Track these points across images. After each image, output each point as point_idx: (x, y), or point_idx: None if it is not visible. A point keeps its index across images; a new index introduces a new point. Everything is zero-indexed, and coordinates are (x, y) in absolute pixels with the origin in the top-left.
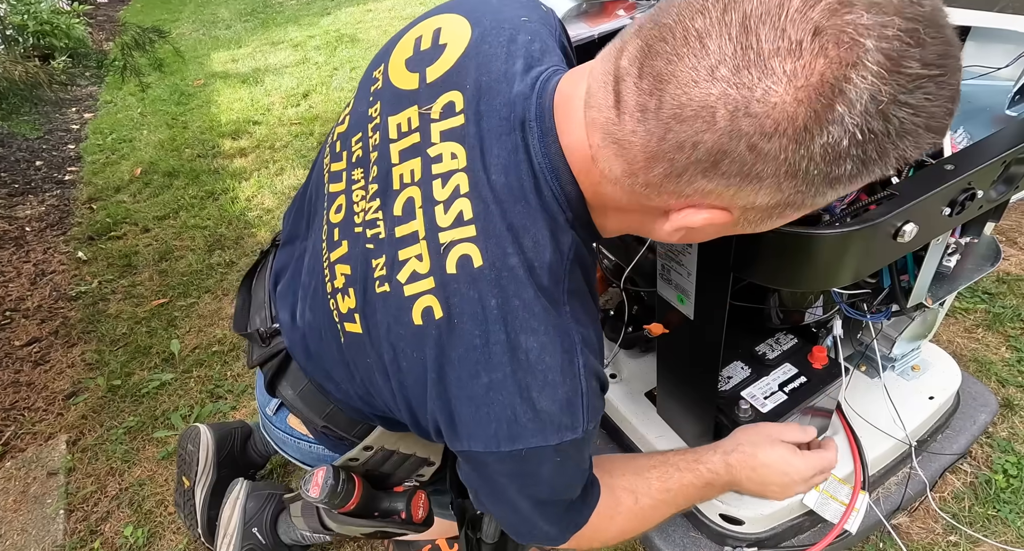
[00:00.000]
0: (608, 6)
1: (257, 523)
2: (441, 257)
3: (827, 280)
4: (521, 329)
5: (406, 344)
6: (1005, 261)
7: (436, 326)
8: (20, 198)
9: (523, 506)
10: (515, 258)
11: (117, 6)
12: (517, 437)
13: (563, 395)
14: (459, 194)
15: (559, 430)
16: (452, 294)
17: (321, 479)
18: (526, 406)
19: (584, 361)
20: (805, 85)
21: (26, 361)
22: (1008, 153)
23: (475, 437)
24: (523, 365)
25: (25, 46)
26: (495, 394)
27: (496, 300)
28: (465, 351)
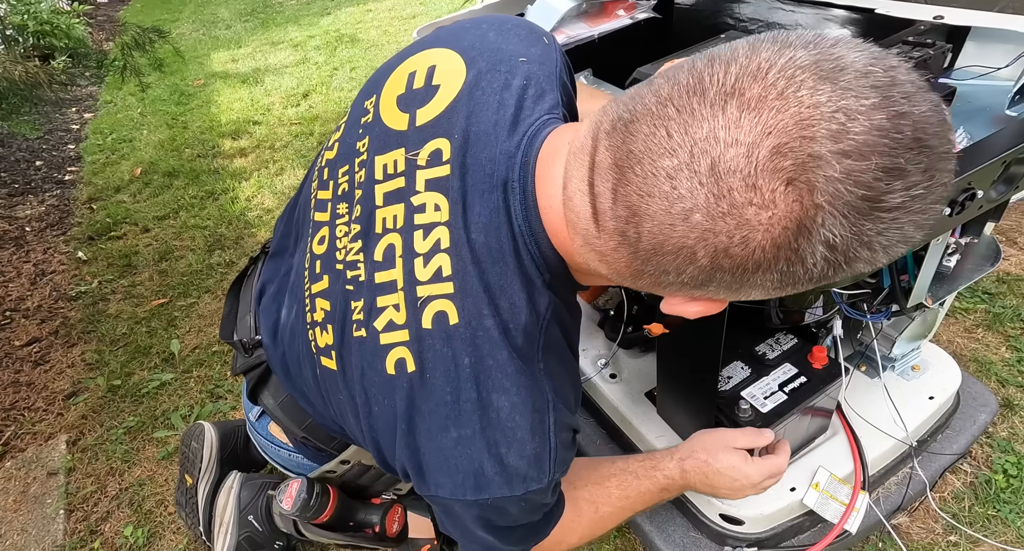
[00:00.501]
0: (608, 6)
1: (252, 511)
2: (418, 310)
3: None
4: (493, 389)
5: (378, 390)
6: (1005, 261)
7: (408, 379)
8: (20, 198)
9: (488, 538)
10: (491, 320)
11: (117, 6)
12: (483, 488)
13: (531, 451)
14: (439, 248)
15: (525, 481)
16: (426, 349)
17: (295, 492)
18: (494, 461)
19: (555, 418)
20: (783, 232)
21: (26, 361)
22: (1008, 153)
23: (441, 485)
24: (493, 423)
25: (25, 46)
26: (463, 448)
27: (469, 359)
28: (436, 405)
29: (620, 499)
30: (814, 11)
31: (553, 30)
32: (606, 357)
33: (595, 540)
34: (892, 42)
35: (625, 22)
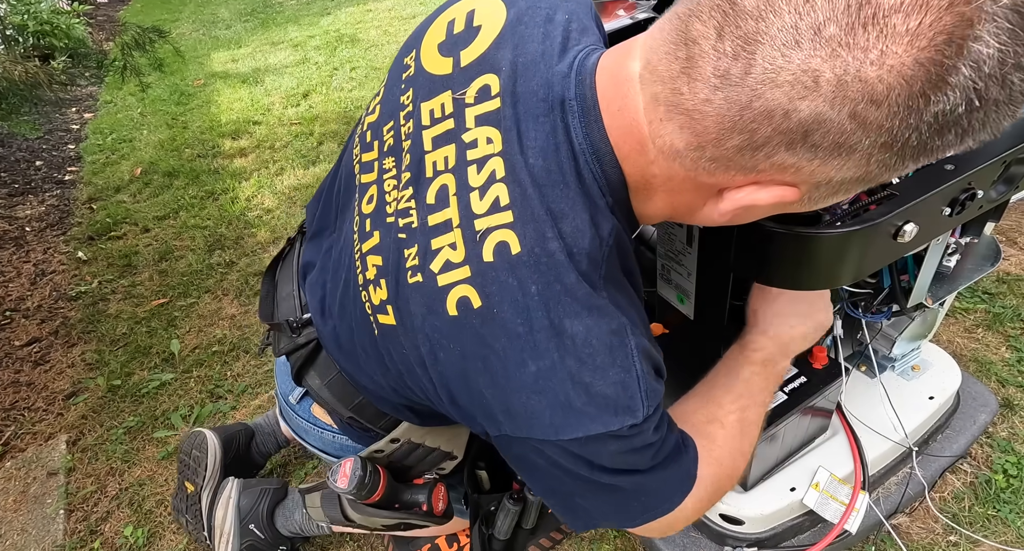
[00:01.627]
0: (608, 6)
1: (253, 519)
2: (477, 245)
3: (827, 280)
4: (565, 314)
5: (442, 336)
6: (1005, 261)
7: (475, 316)
8: (20, 198)
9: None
10: (555, 243)
11: (117, 6)
12: (574, 424)
13: (616, 377)
14: (495, 179)
15: (617, 413)
16: (490, 282)
17: (349, 470)
18: (579, 391)
19: (636, 343)
20: (929, 45)
21: (26, 361)
22: (1008, 153)
23: (529, 425)
24: (570, 350)
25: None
26: (545, 382)
27: (537, 286)
28: (508, 340)
29: (734, 400)
30: None
31: None
32: None
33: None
34: None
35: (625, 22)
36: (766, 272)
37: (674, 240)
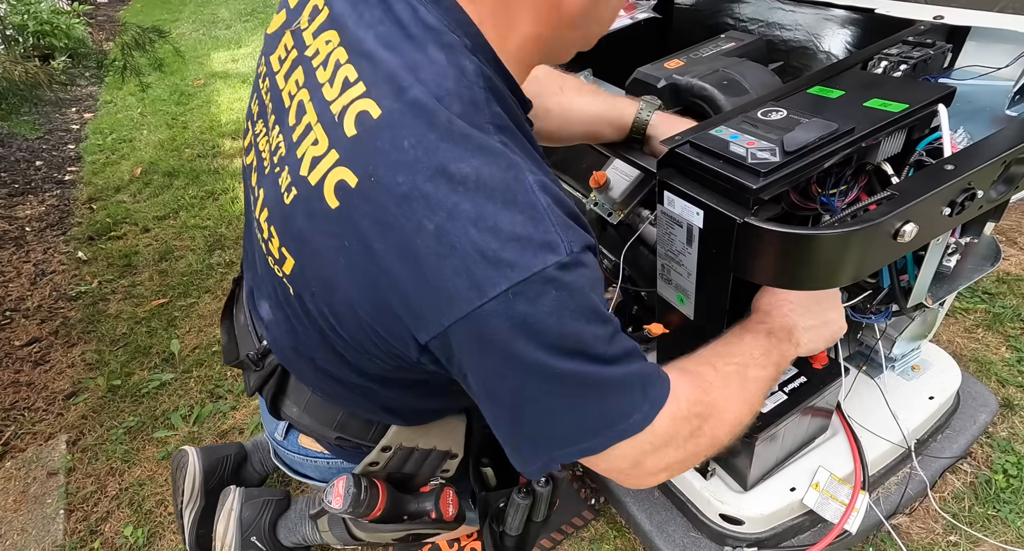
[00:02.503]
0: None
1: (256, 531)
2: (337, 126)
3: (827, 280)
4: (447, 159)
5: (334, 236)
6: (1005, 261)
7: (356, 195)
8: (20, 198)
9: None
10: (416, 90)
11: (117, 6)
12: (497, 277)
13: (522, 213)
14: (340, 65)
15: (537, 253)
16: (359, 154)
17: (343, 489)
18: (486, 235)
19: (535, 179)
20: None
21: (26, 361)
22: (1008, 153)
23: (452, 298)
24: (464, 194)
25: (25, 46)
26: (448, 236)
27: (409, 140)
28: (397, 206)
29: (733, 356)
30: (814, 11)
31: None
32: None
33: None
34: (892, 42)
35: (625, 22)
36: (766, 272)
37: (674, 240)
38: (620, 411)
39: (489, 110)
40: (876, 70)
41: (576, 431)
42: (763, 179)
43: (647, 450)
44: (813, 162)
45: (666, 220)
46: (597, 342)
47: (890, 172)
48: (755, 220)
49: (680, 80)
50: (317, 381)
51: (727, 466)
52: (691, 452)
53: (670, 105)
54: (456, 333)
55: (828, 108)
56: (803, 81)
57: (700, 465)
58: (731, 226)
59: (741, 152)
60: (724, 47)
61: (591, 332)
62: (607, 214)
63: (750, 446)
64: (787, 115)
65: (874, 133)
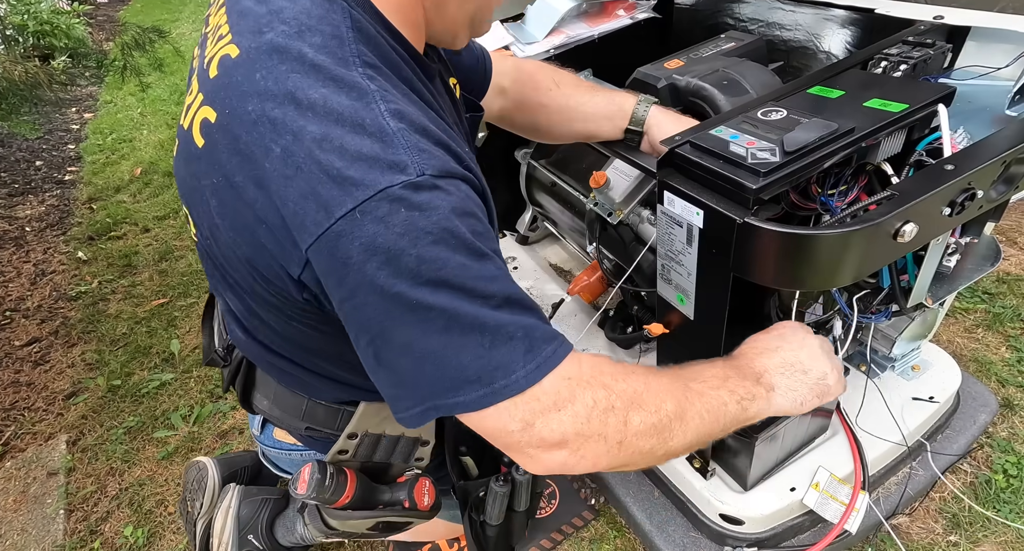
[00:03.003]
0: (608, 6)
1: (252, 530)
2: (205, 73)
3: (827, 280)
4: (296, 87)
5: (204, 177)
6: (1005, 261)
7: (215, 130)
8: (20, 198)
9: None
10: (271, 33)
11: (117, 6)
12: (342, 196)
13: (369, 133)
14: (220, 27)
15: (384, 171)
16: (217, 92)
17: (307, 474)
18: (331, 155)
19: (387, 107)
20: None
21: (26, 361)
22: (1008, 153)
23: (304, 222)
24: (310, 117)
25: (25, 46)
26: (295, 158)
27: (261, 72)
28: (247, 133)
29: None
30: (814, 11)
31: (553, 30)
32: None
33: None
34: (892, 42)
35: (625, 22)
36: (766, 272)
37: (674, 240)
38: (497, 363)
39: (355, 46)
40: (876, 70)
41: (447, 379)
42: (763, 179)
43: (536, 409)
44: (813, 162)
45: (666, 220)
46: (466, 275)
47: (890, 172)
48: (755, 220)
49: (680, 80)
50: (269, 364)
51: (727, 466)
52: (596, 428)
53: (670, 105)
54: (315, 259)
55: (828, 108)
56: (803, 81)
57: (700, 465)
58: (731, 226)
59: (741, 152)
60: (724, 47)
61: (457, 261)
62: (607, 214)
63: (750, 446)
64: (787, 115)
65: (874, 133)
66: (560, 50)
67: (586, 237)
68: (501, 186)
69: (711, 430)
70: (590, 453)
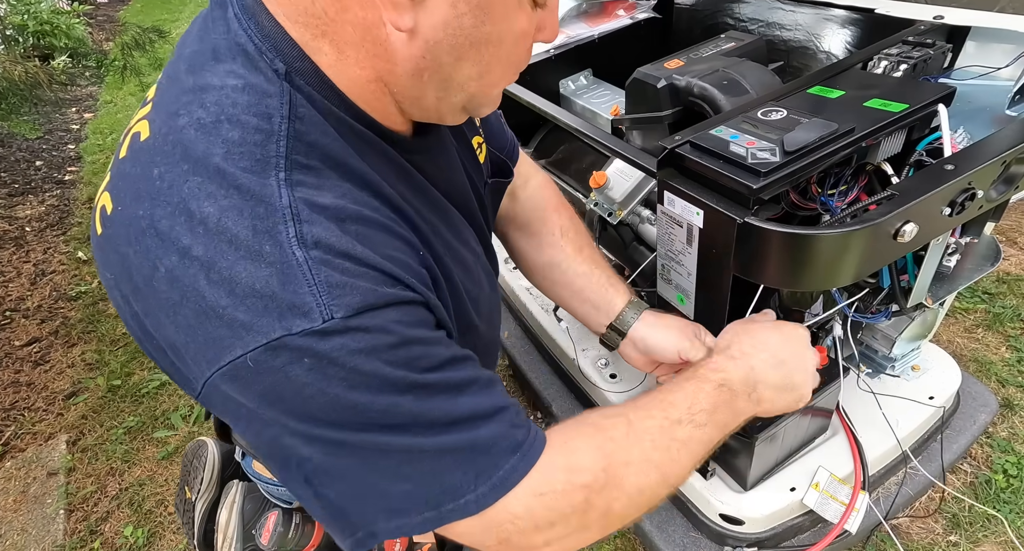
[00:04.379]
0: (608, 6)
1: (256, 524)
2: (119, 149)
3: (827, 280)
4: (191, 195)
5: (103, 266)
6: (1005, 261)
7: (110, 223)
8: (20, 198)
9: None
10: (185, 118)
11: (117, 6)
12: (230, 338)
13: (270, 266)
14: (147, 94)
15: (282, 316)
16: (118, 180)
17: (271, 525)
18: (218, 288)
19: (300, 230)
20: None
21: (26, 361)
22: (1008, 153)
23: (195, 355)
24: (200, 236)
25: (25, 46)
26: (179, 284)
27: (160, 168)
28: (135, 241)
29: (664, 409)
30: (814, 11)
31: None
32: (607, 358)
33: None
34: (892, 42)
35: (625, 22)
36: (766, 272)
37: (674, 240)
38: (442, 489)
39: (284, 143)
40: (876, 70)
41: (388, 507)
42: (763, 179)
43: (510, 530)
44: (813, 162)
45: (666, 220)
46: (395, 415)
47: (890, 172)
48: (755, 220)
49: (680, 80)
50: None
51: (727, 466)
52: (576, 527)
53: (670, 105)
54: (210, 396)
55: (828, 108)
56: (803, 81)
57: (700, 465)
58: (731, 226)
59: (741, 152)
60: (724, 47)
61: (383, 404)
62: (607, 214)
63: (750, 446)
64: (787, 115)
65: (874, 133)
66: (560, 50)
67: None
68: None
69: (693, 469)
70: (573, 544)
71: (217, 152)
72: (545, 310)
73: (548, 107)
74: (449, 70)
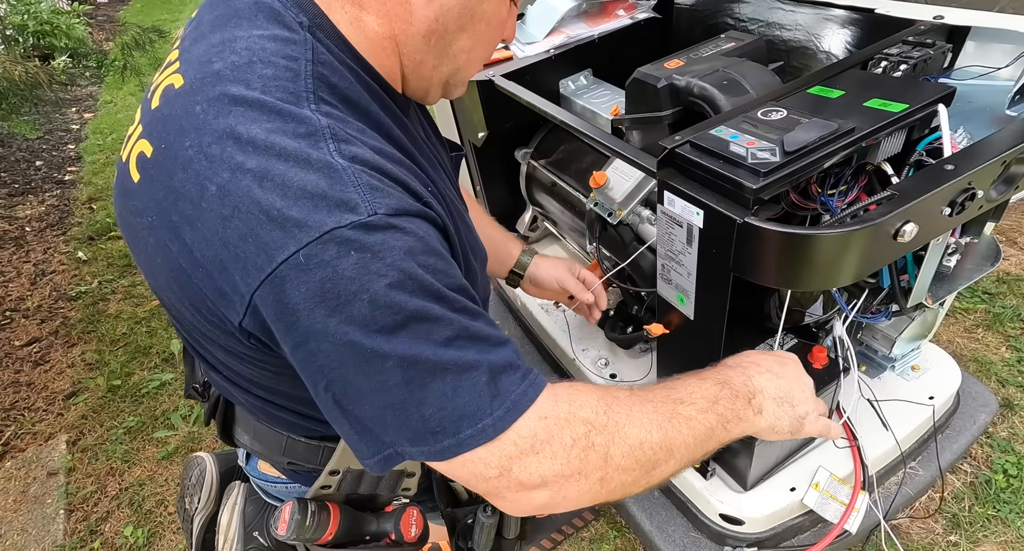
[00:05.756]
0: (608, 6)
1: (258, 526)
2: (148, 104)
3: (827, 280)
4: (237, 122)
5: (140, 214)
6: (1005, 261)
7: (151, 166)
8: (20, 198)
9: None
10: (219, 63)
11: (117, 6)
12: (284, 238)
13: (317, 171)
14: (174, 51)
15: (331, 211)
16: (155, 125)
17: (287, 514)
18: (272, 194)
19: (339, 147)
20: None
21: (26, 361)
22: (1008, 153)
23: (246, 266)
24: (250, 152)
25: (25, 46)
26: (231, 197)
27: (202, 104)
28: (183, 170)
29: (665, 393)
30: (814, 11)
31: (553, 30)
32: (607, 358)
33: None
34: (892, 42)
35: (625, 22)
36: (766, 272)
37: (674, 240)
38: (463, 411)
39: (311, 81)
40: (876, 70)
41: (409, 429)
42: (763, 179)
43: (512, 454)
44: (813, 162)
45: (666, 220)
46: (424, 319)
47: (890, 172)
48: (755, 220)
49: (680, 80)
50: (243, 400)
51: (727, 466)
52: (576, 467)
53: (670, 105)
54: (261, 305)
55: (828, 108)
56: (803, 81)
57: (700, 465)
58: (731, 226)
59: (741, 152)
60: (724, 47)
61: (414, 305)
62: (607, 214)
63: (750, 446)
64: (787, 115)
65: (874, 133)
66: (560, 50)
67: (586, 237)
68: (501, 186)
69: (696, 454)
70: (572, 492)
71: (256, 86)
72: (545, 310)
73: (548, 107)
74: (451, 38)
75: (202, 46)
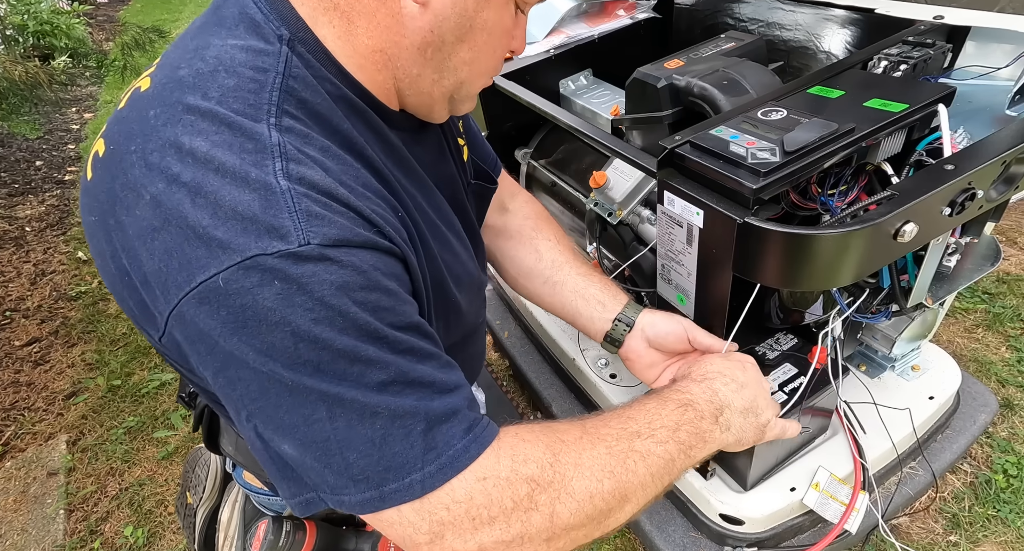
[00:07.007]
0: (608, 6)
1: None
2: (118, 105)
3: (827, 280)
4: (184, 131)
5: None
6: (1005, 261)
7: (100, 165)
8: (20, 198)
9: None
10: (185, 69)
11: (117, 6)
12: (206, 258)
13: (253, 191)
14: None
15: (260, 236)
16: (112, 125)
17: (262, 533)
18: (202, 211)
19: (287, 167)
20: None
21: (26, 361)
22: (1008, 153)
23: (166, 282)
24: (189, 165)
25: (25, 46)
26: (163, 209)
27: (155, 110)
28: (124, 174)
29: (623, 423)
30: (814, 11)
31: (553, 30)
32: (607, 359)
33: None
34: (892, 42)
35: (625, 22)
36: (766, 272)
37: (674, 240)
38: (389, 462)
39: (278, 92)
40: (876, 70)
41: (334, 471)
42: (763, 179)
43: (445, 519)
44: (813, 162)
45: (666, 220)
46: (354, 360)
47: (890, 172)
48: (755, 220)
49: (680, 80)
50: (219, 412)
51: (727, 466)
52: (518, 532)
53: (670, 105)
54: (177, 326)
55: (828, 108)
56: (803, 81)
57: (700, 465)
58: (731, 226)
59: (741, 152)
60: (724, 47)
61: (343, 344)
62: (607, 214)
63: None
64: (787, 115)
65: (874, 133)
66: (560, 50)
67: (586, 237)
68: None
69: (656, 490)
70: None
71: (213, 95)
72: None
73: (548, 107)
74: (449, 50)
75: (178, 51)
